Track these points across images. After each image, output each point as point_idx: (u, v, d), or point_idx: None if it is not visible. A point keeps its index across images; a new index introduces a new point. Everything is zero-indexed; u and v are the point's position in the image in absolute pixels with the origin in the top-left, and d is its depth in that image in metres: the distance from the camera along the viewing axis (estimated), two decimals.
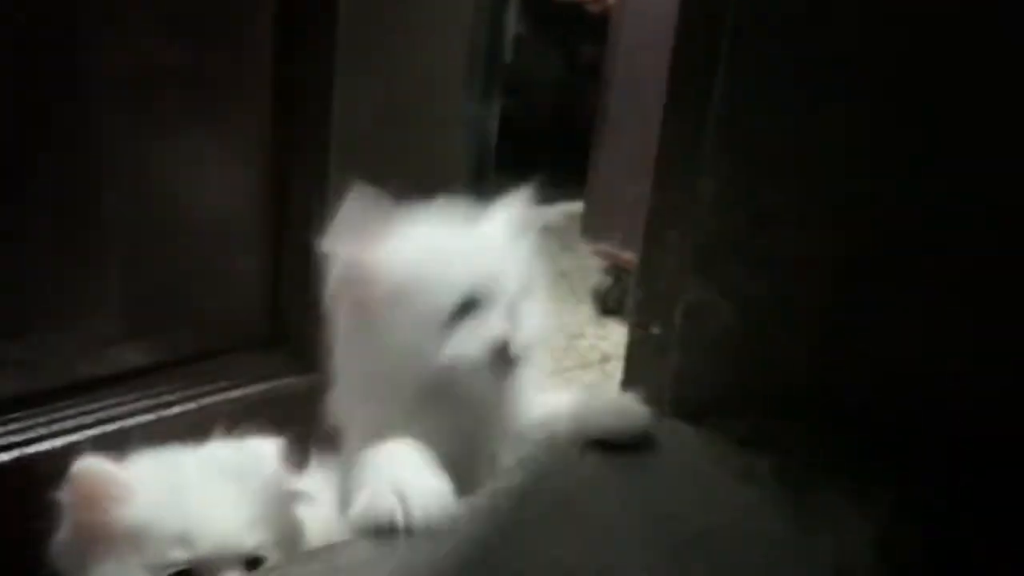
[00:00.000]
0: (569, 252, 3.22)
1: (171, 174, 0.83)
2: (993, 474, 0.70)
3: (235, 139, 0.86)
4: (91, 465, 0.71)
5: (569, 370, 2.18)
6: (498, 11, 2.10)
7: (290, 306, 0.94)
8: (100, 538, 0.72)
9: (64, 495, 0.71)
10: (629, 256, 2.39)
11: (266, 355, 0.94)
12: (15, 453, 0.75)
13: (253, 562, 0.72)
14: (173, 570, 0.70)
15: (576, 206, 4.09)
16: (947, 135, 0.71)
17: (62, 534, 0.72)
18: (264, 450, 0.78)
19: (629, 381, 0.95)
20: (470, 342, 0.71)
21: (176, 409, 0.85)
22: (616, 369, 2.38)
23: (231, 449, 0.78)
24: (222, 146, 0.85)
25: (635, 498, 0.74)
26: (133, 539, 0.71)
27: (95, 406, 0.81)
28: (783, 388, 0.79)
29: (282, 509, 0.78)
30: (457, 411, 0.72)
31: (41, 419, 0.78)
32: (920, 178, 0.73)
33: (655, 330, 0.90)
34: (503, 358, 0.71)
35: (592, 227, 2.49)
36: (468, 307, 0.72)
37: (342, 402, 0.77)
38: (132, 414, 0.82)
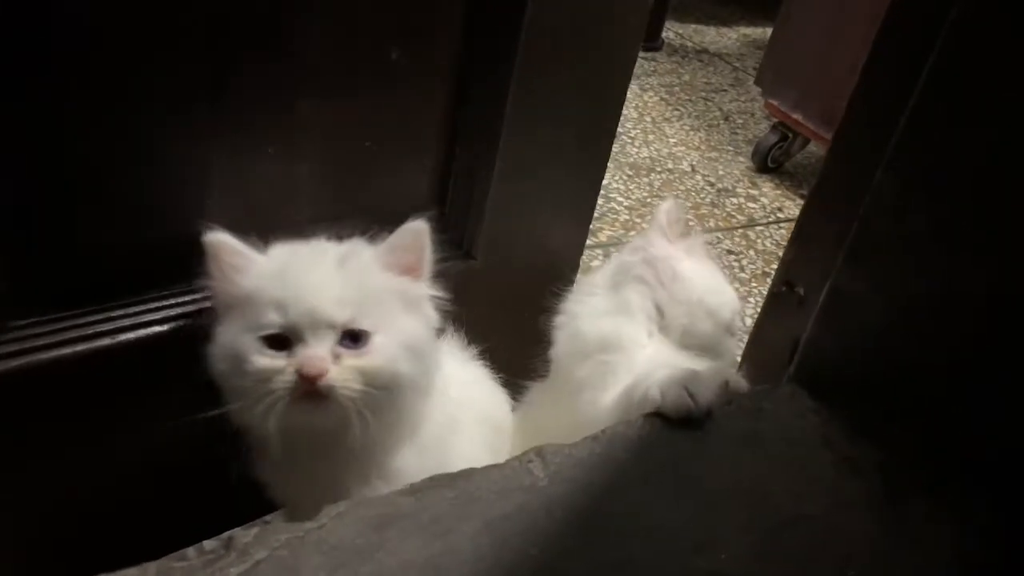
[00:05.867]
0: (737, 88, 3.06)
1: (359, 81, 0.85)
2: None
3: (422, 56, 0.88)
4: (218, 236, 0.76)
5: (710, 231, 2.17)
6: None
7: (455, 203, 1.00)
8: (223, 303, 0.77)
9: (203, 264, 0.77)
10: (799, 117, 2.29)
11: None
12: None
13: (353, 336, 0.75)
14: (268, 331, 0.73)
15: (755, 31, 3.83)
16: None
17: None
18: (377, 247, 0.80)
19: (760, 331, 0.99)
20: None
21: None
22: (759, 238, 2.38)
23: (349, 243, 0.81)
24: (410, 59, 0.86)
25: (741, 471, 0.75)
26: (243, 304, 0.75)
27: None
28: (912, 391, 0.78)
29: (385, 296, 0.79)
30: None
31: None
32: None
33: (800, 290, 0.91)
34: None
35: (769, 79, 2.37)
36: None
37: None
38: None
